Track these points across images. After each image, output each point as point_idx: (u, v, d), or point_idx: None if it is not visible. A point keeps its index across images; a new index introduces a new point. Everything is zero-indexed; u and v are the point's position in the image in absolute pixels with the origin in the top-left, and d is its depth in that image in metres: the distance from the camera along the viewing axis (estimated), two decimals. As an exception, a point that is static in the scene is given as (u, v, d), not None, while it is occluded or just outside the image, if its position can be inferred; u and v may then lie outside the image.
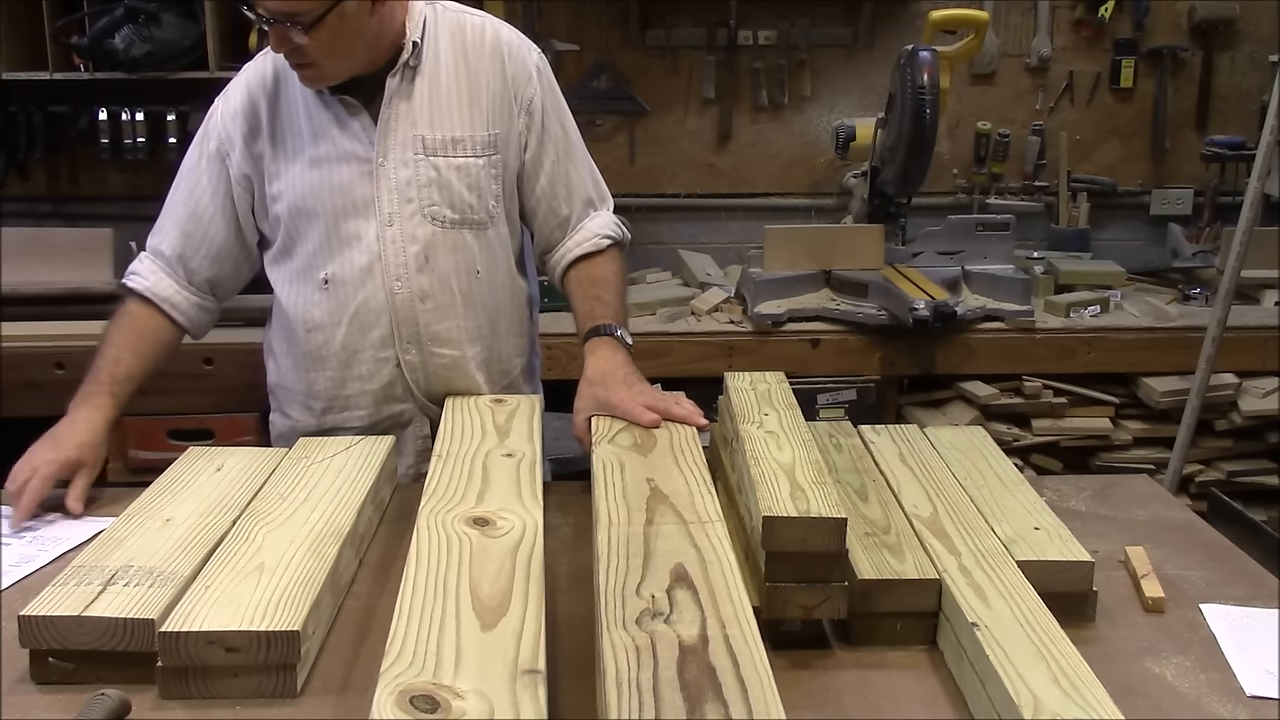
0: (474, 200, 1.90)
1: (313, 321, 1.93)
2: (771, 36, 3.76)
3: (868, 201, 3.44)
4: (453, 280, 1.91)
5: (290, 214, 1.89)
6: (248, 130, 1.90)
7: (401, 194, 1.87)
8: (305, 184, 1.87)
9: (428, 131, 1.87)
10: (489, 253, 1.94)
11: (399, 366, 1.93)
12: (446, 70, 1.89)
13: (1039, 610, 1.29)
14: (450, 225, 1.89)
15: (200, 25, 3.41)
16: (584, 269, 1.97)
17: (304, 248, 1.91)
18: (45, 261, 3.24)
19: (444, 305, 1.91)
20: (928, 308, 2.99)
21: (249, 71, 1.94)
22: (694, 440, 1.66)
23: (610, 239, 1.98)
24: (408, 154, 1.87)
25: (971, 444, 1.83)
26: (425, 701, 1.03)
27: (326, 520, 1.53)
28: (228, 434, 3.05)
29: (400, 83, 1.86)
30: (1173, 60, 3.82)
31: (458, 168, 1.88)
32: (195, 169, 1.94)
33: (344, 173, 1.86)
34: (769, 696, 1.02)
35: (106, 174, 3.77)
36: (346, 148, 1.86)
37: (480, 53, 1.91)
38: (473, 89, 1.89)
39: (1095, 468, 3.19)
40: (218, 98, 1.95)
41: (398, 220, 1.87)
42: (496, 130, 1.90)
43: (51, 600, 1.31)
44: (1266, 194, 3.08)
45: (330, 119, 1.87)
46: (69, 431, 1.79)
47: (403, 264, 1.88)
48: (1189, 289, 3.46)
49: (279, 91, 1.90)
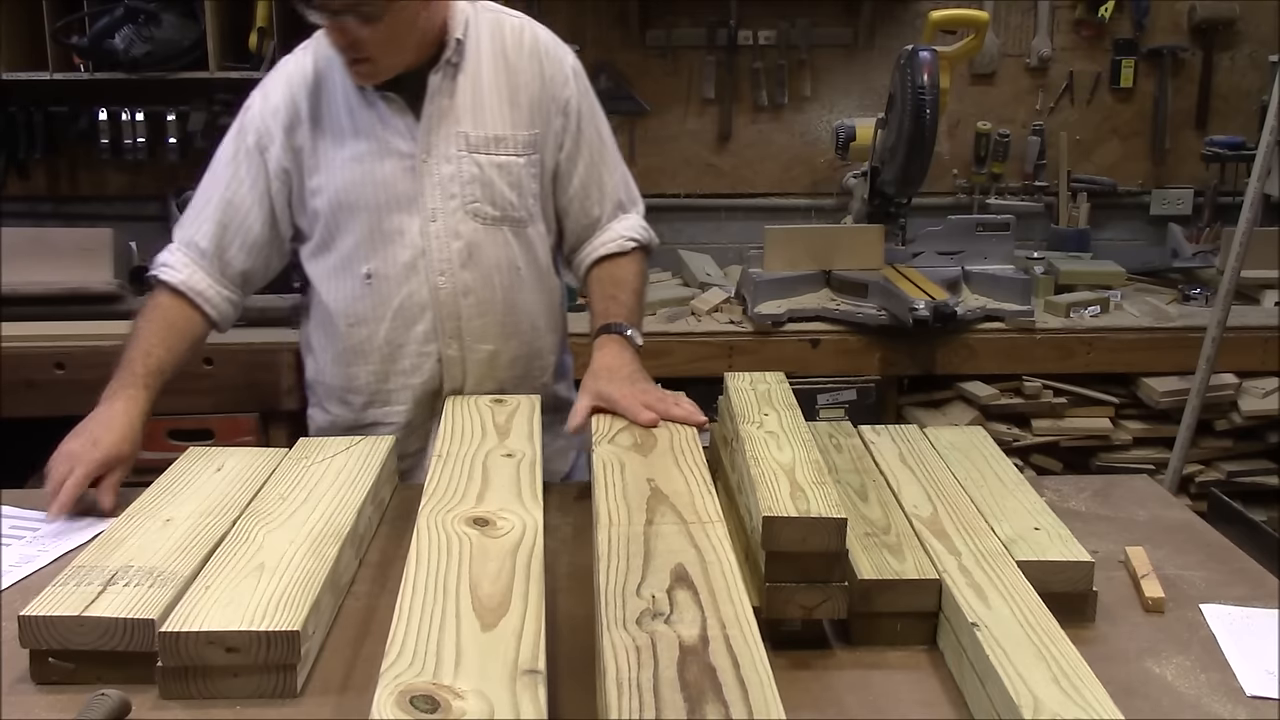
0: (515, 198, 1.91)
1: (355, 316, 1.94)
2: (771, 36, 3.77)
3: (868, 201, 3.44)
4: (494, 277, 1.93)
5: (331, 208, 1.90)
6: (287, 124, 1.90)
7: (445, 190, 1.88)
8: (348, 179, 1.88)
9: (471, 129, 1.89)
10: (528, 250, 1.96)
11: (440, 361, 1.94)
12: (488, 69, 1.90)
13: (1039, 610, 1.29)
14: (492, 222, 1.91)
15: (200, 25, 3.41)
16: (606, 268, 1.99)
17: (345, 242, 1.91)
18: (45, 261, 3.24)
19: (485, 301, 1.93)
20: (928, 308, 2.99)
21: (288, 66, 1.94)
22: (694, 440, 1.66)
23: (635, 241, 2.01)
24: (451, 150, 1.88)
25: (971, 444, 1.83)
26: (425, 701, 1.03)
27: (326, 520, 1.53)
28: (228, 434, 3.05)
29: (443, 80, 1.87)
30: (1173, 60, 3.82)
31: (499, 165, 1.89)
32: (232, 162, 1.94)
33: (387, 168, 1.87)
34: (769, 697, 1.02)
35: (106, 174, 3.78)
36: (390, 143, 1.87)
37: (519, 53, 1.92)
38: (513, 89, 1.91)
39: (1095, 468, 3.19)
40: (254, 92, 1.95)
41: (441, 216, 1.89)
42: (536, 130, 1.92)
43: (51, 600, 1.31)
44: (1266, 194, 3.08)
45: (373, 115, 1.87)
46: (105, 425, 1.77)
47: (446, 259, 1.89)
48: (1189, 289, 3.46)
49: (320, 87, 1.90)
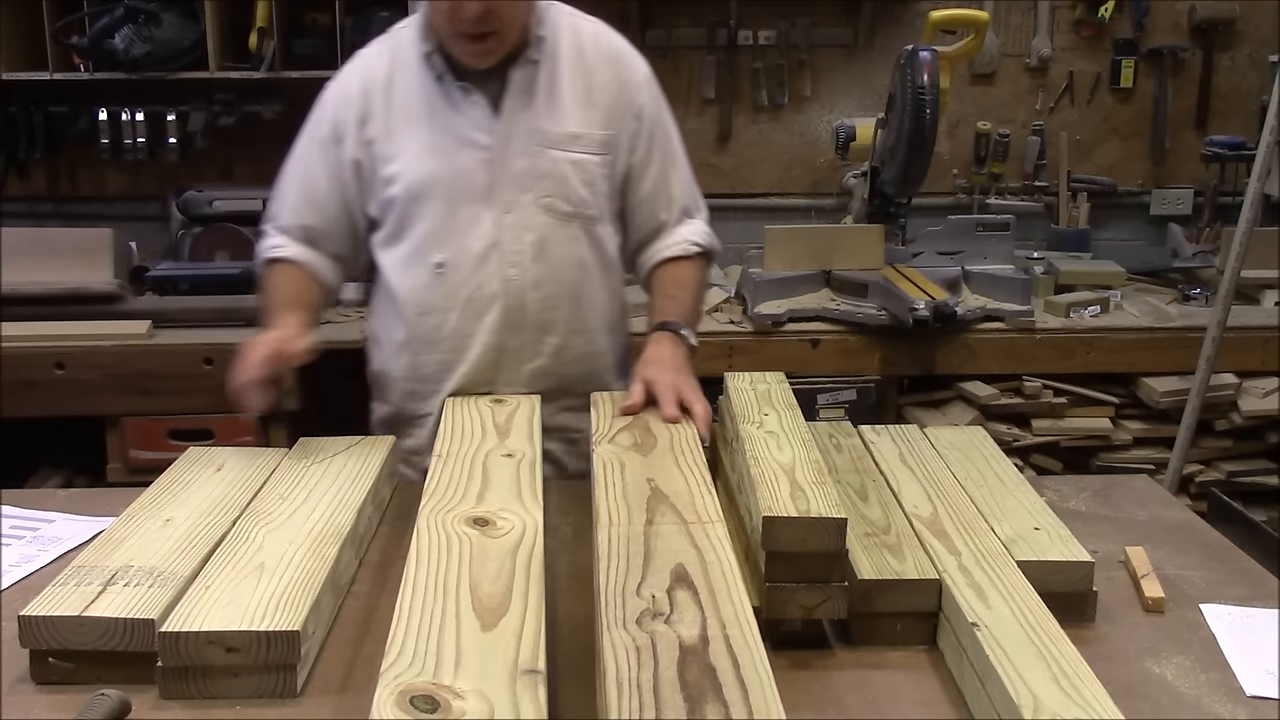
0: (587, 195, 1.93)
1: (425, 305, 1.95)
2: (771, 36, 3.76)
3: (868, 201, 3.44)
4: (564, 272, 1.94)
5: (406, 197, 1.91)
6: (361, 115, 1.92)
7: (519, 183, 1.89)
8: (422, 169, 1.89)
9: (548, 125, 1.90)
10: (597, 248, 1.98)
11: (503, 352, 1.95)
12: (565, 69, 1.92)
13: (1039, 610, 1.30)
14: (564, 218, 1.93)
15: (200, 25, 3.41)
16: (668, 270, 2.02)
17: (417, 231, 1.92)
18: (45, 261, 3.23)
19: (554, 295, 1.94)
20: (928, 308, 2.99)
21: (362, 59, 1.97)
22: (694, 440, 1.66)
23: (699, 247, 2.03)
24: (528, 145, 1.89)
25: (971, 444, 1.83)
26: (425, 701, 1.03)
27: (326, 520, 1.53)
28: (228, 434, 3.05)
29: (523, 75, 1.89)
30: (1173, 60, 3.82)
31: (574, 162, 1.91)
32: (307, 154, 1.97)
33: (463, 159, 1.89)
34: (769, 697, 1.02)
35: (106, 174, 3.77)
36: (466, 135, 1.89)
37: (596, 56, 1.95)
38: (589, 90, 1.93)
39: (1095, 468, 3.19)
40: (329, 84, 1.98)
41: (515, 209, 1.90)
42: (610, 131, 1.94)
43: (51, 600, 1.31)
44: (1266, 194, 3.08)
45: (449, 106, 1.89)
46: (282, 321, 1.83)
47: (518, 252, 1.91)
48: (1189, 289, 3.46)
49: (394, 78, 1.92)
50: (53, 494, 1.96)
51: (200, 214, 3.46)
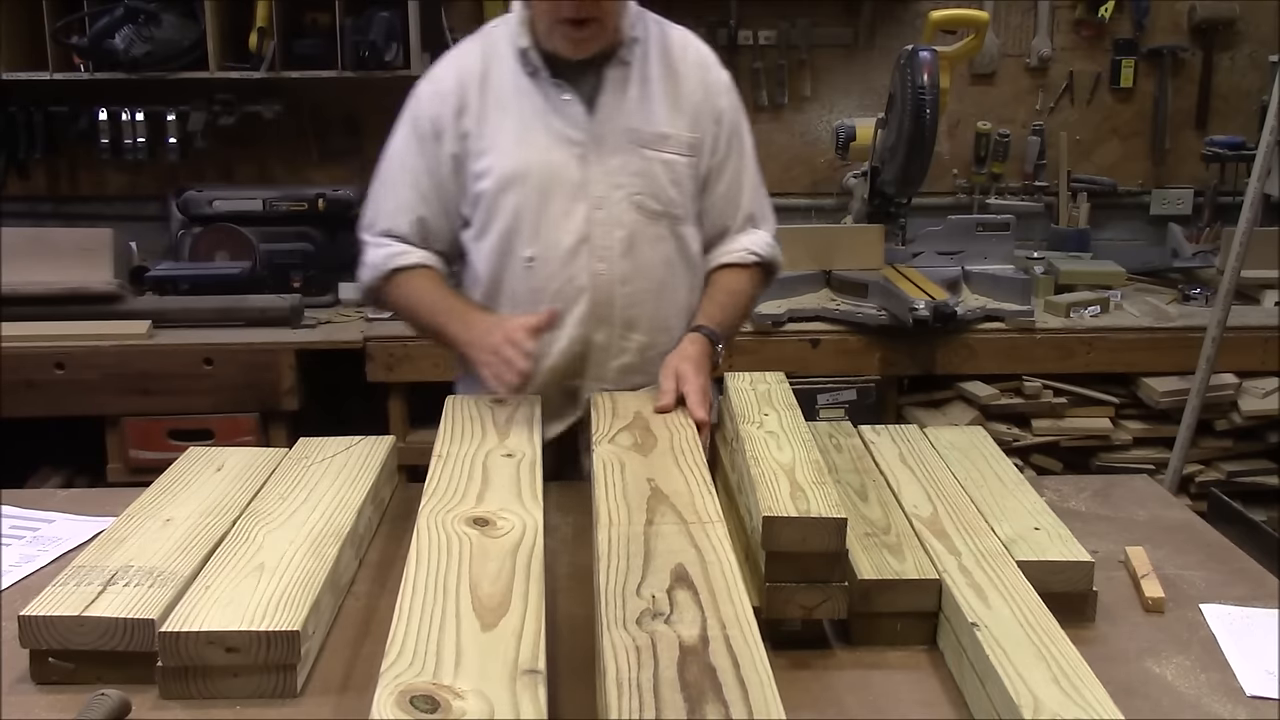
0: (676, 195, 1.96)
1: (515, 297, 1.96)
2: (771, 36, 3.76)
3: (868, 201, 3.44)
4: (651, 269, 1.96)
5: (497, 191, 1.92)
6: (457, 108, 1.94)
7: (612, 180, 1.92)
8: (515, 162, 1.91)
9: (640, 124, 1.93)
10: (683, 248, 1.99)
11: (588, 346, 1.96)
12: (656, 71, 1.96)
13: (1039, 610, 1.30)
14: (653, 216, 1.94)
15: (200, 25, 3.42)
16: (723, 276, 2.03)
17: (507, 224, 1.93)
18: (45, 261, 3.24)
19: (641, 291, 1.96)
20: (928, 308, 2.99)
21: (455, 55, 1.99)
22: (694, 440, 1.66)
23: (757, 257, 2.04)
24: (621, 142, 1.92)
25: (971, 444, 1.83)
26: (425, 701, 1.03)
27: (326, 520, 1.53)
28: (228, 434, 3.05)
29: (617, 75, 1.92)
30: (1173, 60, 3.82)
31: (664, 162, 1.94)
32: (408, 152, 1.98)
33: (556, 155, 1.91)
34: (769, 697, 1.02)
35: (106, 174, 3.78)
36: (559, 130, 1.91)
37: (685, 61, 1.98)
38: (677, 93, 1.96)
39: (1095, 468, 3.19)
40: (421, 81, 2.00)
41: (607, 205, 1.92)
42: (696, 134, 1.97)
43: (51, 600, 1.31)
44: (1266, 194, 3.08)
45: (543, 102, 1.91)
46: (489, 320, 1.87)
47: (608, 247, 1.93)
48: (1189, 289, 3.46)
49: (488, 74, 1.94)
50: (53, 494, 1.96)
51: (200, 214, 3.46)
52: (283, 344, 3.12)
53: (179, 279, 3.33)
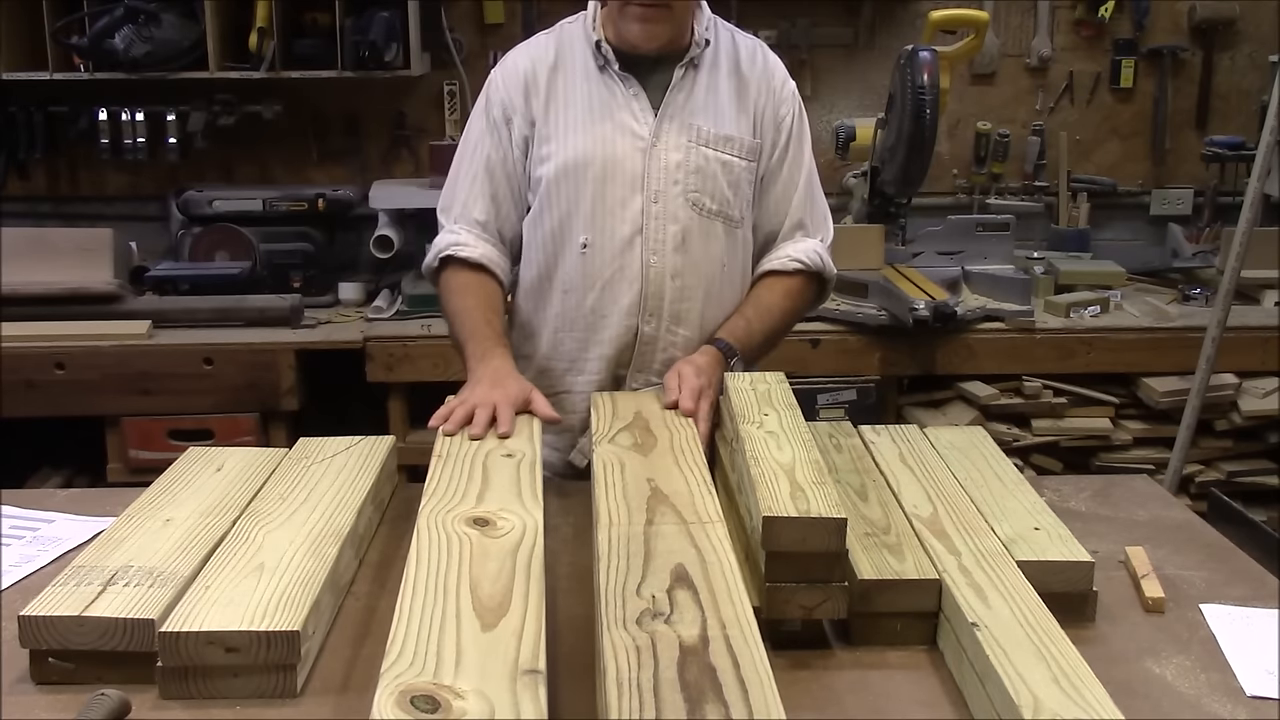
0: (732, 196, 1.98)
1: (568, 283, 1.99)
2: (771, 36, 3.76)
3: (868, 201, 3.44)
4: (703, 267, 1.98)
5: (558, 176, 1.95)
6: (527, 92, 1.98)
7: (670, 175, 1.94)
8: (579, 149, 1.94)
9: (703, 124, 1.96)
10: (734, 250, 2.01)
11: (636, 336, 1.98)
12: (724, 75, 1.99)
13: (1039, 610, 1.30)
14: (708, 215, 1.97)
15: (200, 25, 3.41)
16: (760, 286, 2.06)
17: (565, 211, 1.96)
18: (45, 261, 3.24)
19: (690, 287, 1.98)
20: (928, 308, 2.99)
21: (529, 45, 2.04)
22: (694, 440, 1.66)
23: (800, 265, 2.04)
24: (682, 139, 1.95)
25: (971, 444, 1.83)
26: (425, 701, 1.03)
27: (326, 520, 1.53)
28: (228, 434, 3.05)
29: (685, 75, 1.96)
30: (1173, 60, 3.82)
31: (723, 163, 1.96)
32: (482, 137, 2.01)
33: (620, 145, 1.94)
34: (769, 697, 1.02)
35: (106, 174, 3.77)
36: (624, 123, 1.94)
37: (752, 68, 2.01)
38: (743, 98, 2.00)
39: (1095, 468, 3.19)
40: (494, 69, 2.04)
41: (663, 199, 1.95)
42: (758, 140, 2.00)
43: (51, 600, 1.31)
44: (1266, 194, 3.08)
45: (610, 95, 1.95)
46: (501, 373, 1.82)
47: (662, 240, 1.95)
48: (1189, 289, 3.46)
49: (559, 64, 1.98)
50: (53, 494, 1.96)
51: (200, 214, 3.46)
52: (283, 344, 3.12)
53: (179, 279, 3.33)
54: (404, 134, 3.78)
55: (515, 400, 1.75)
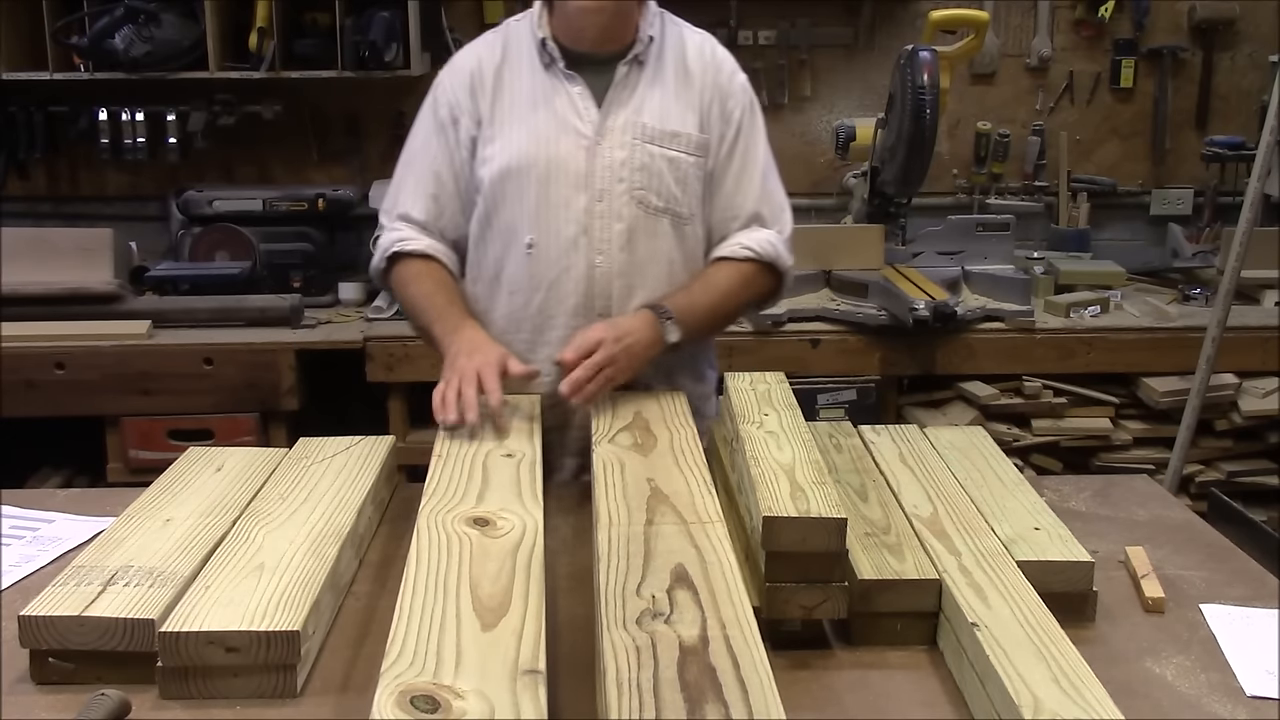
0: (679, 193, 1.96)
1: (514, 284, 1.98)
2: (771, 36, 3.76)
3: (868, 201, 3.44)
4: (649, 266, 1.96)
5: (502, 175, 1.94)
6: (472, 94, 1.97)
7: (615, 173, 1.93)
8: (522, 148, 1.93)
9: (648, 120, 1.94)
10: (684, 247, 1.99)
11: None
12: (670, 71, 1.97)
13: (1039, 610, 1.30)
14: (654, 212, 1.95)
15: (200, 25, 3.41)
16: (710, 266, 2.01)
17: (510, 211, 1.95)
18: (45, 261, 3.24)
19: (637, 287, 1.96)
20: (928, 308, 2.99)
21: (476, 44, 2.02)
22: (694, 440, 1.66)
23: (751, 253, 2.00)
24: (627, 137, 1.93)
25: (971, 444, 1.83)
26: (425, 701, 1.03)
27: (326, 520, 1.53)
28: (228, 434, 3.05)
29: (629, 72, 1.94)
30: (1173, 60, 3.82)
31: (670, 159, 1.94)
32: (429, 138, 2.01)
33: (563, 144, 1.93)
34: (769, 697, 1.02)
35: (106, 174, 3.78)
36: (568, 121, 1.93)
37: (700, 63, 1.99)
38: (690, 93, 1.98)
39: (1095, 468, 3.19)
40: (441, 72, 2.03)
41: (608, 197, 1.93)
42: (706, 135, 1.98)
43: (51, 600, 1.31)
44: (1266, 194, 3.08)
45: (555, 93, 1.94)
46: (473, 341, 1.83)
47: (607, 240, 1.94)
48: (1189, 289, 3.46)
49: (505, 63, 1.97)
50: (53, 494, 1.96)
51: (200, 214, 3.46)
52: (283, 344, 3.12)
53: (179, 279, 3.33)
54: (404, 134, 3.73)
55: (496, 364, 1.76)
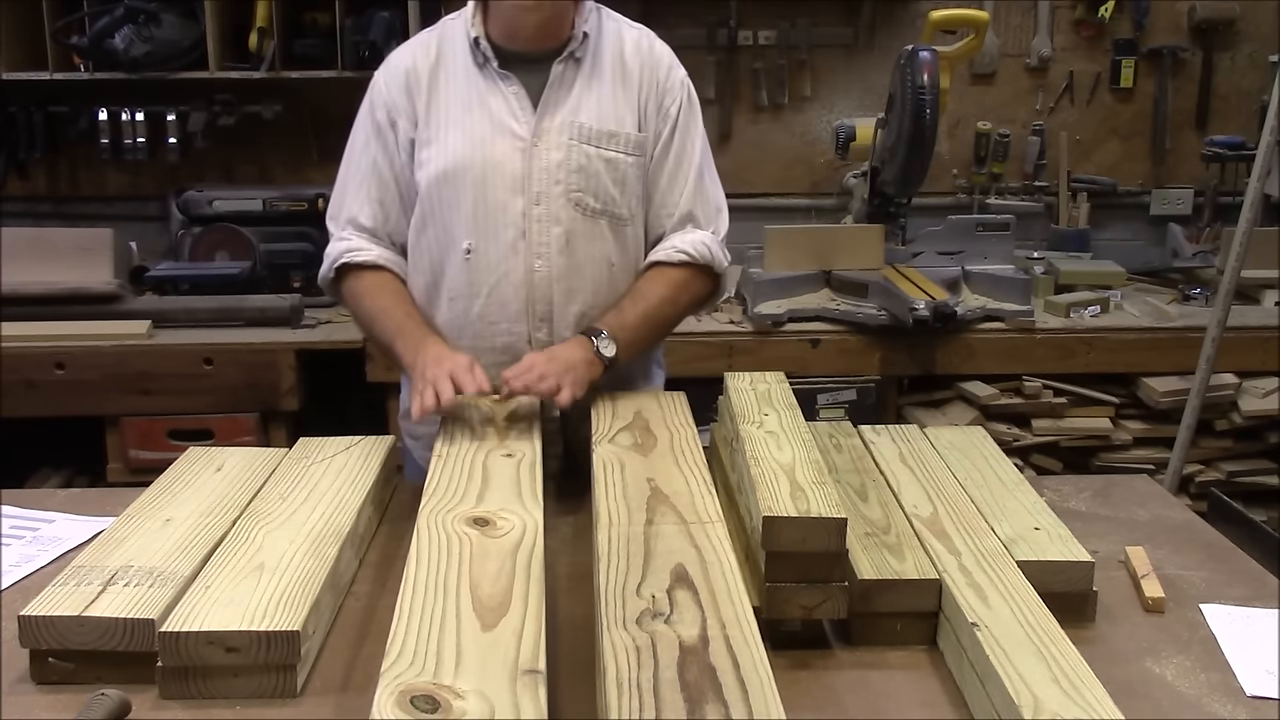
0: (617, 194, 1.94)
1: (454, 290, 1.95)
2: (771, 36, 3.76)
3: (868, 201, 3.43)
4: (588, 268, 1.94)
5: (438, 180, 1.92)
6: (409, 94, 1.95)
7: (551, 175, 1.91)
8: (458, 152, 1.91)
9: (585, 120, 1.92)
10: (624, 249, 1.97)
11: (529, 344, 1.95)
12: (607, 69, 1.95)
13: (1039, 610, 1.30)
14: (592, 214, 1.93)
15: (200, 25, 3.42)
16: (643, 277, 1.99)
17: (447, 216, 1.93)
18: (45, 261, 3.24)
19: (577, 290, 1.94)
20: (928, 308, 2.99)
21: (410, 45, 2.00)
22: (694, 440, 1.66)
23: (685, 256, 1.97)
24: (563, 138, 1.91)
25: (971, 444, 1.83)
26: (425, 701, 1.03)
27: (326, 520, 1.53)
28: (228, 434, 3.05)
29: (565, 71, 1.92)
30: (1173, 60, 3.82)
31: (607, 160, 1.92)
32: (368, 141, 1.99)
33: (499, 147, 1.90)
34: (769, 697, 1.02)
35: (106, 174, 3.78)
36: (504, 123, 1.91)
37: (637, 60, 1.97)
38: (628, 92, 1.95)
39: (1095, 468, 3.19)
40: (376, 74, 2.00)
41: (545, 200, 1.91)
42: (644, 133, 1.96)
43: (51, 600, 1.31)
44: (1266, 194, 3.08)
45: (490, 94, 1.92)
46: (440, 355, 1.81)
47: (545, 244, 1.92)
48: (1189, 289, 3.46)
49: (440, 63, 1.95)
50: (53, 494, 1.96)
51: (200, 214, 3.46)
52: (283, 344, 3.12)
53: (179, 279, 3.33)
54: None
55: (467, 364, 1.75)
